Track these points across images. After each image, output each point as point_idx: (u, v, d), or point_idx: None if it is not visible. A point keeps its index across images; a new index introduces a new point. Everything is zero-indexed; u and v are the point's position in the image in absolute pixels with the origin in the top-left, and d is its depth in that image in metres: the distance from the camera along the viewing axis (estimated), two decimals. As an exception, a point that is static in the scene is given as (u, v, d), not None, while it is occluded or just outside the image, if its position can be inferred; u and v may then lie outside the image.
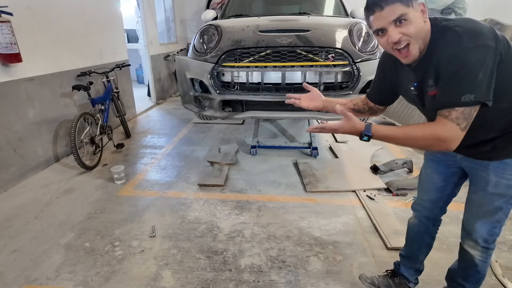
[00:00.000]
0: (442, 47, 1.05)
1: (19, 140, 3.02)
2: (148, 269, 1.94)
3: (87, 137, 3.29)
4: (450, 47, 1.03)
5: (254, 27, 2.91)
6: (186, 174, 3.21)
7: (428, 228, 1.60)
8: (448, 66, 1.03)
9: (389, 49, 1.14)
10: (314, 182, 2.96)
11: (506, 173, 1.21)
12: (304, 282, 1.83)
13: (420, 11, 1.06)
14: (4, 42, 2.67)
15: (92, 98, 3.46)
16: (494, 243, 1.36)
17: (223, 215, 2.49)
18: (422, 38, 1.08)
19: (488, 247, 1.35)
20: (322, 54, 2.77)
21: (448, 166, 1.41)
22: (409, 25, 1.05)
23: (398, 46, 1.09)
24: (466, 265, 1.44)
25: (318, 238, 2.21)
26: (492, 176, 1.22)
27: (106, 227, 2.35)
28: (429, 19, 1.10)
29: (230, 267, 1.95)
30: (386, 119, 4.71)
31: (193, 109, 3.15)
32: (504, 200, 1.25)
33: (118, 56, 4.78)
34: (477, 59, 0.98)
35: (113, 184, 3.01)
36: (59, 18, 3.49)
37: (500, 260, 1.98)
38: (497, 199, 1.25)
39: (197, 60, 2.94)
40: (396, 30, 1.06)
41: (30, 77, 3.11)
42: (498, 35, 1.00)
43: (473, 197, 1.33)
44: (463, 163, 1.34)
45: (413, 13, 1.04)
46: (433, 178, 1.48)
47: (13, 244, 2.17)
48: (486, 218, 1.30)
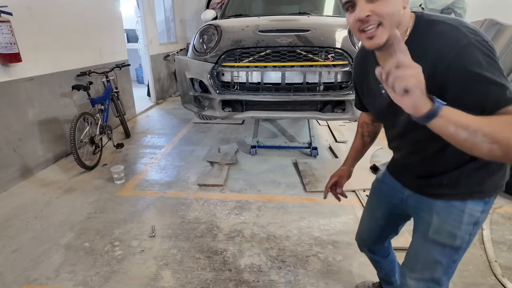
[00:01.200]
0: (437, 40, 0.85)
1: (19, 140, 3.02)
2: (148, 269, 1.94)
3: (86, 137, 3.29)
4: (451, 39, 0.82)
5: (254, 27, 2.91)
6: (186, 174, 3.22)
7: (378, 259, 1.49)
8: (462, 61, 0.80)
9: (355, 31, 0.91)
10: (314, 182, 2.96)
11: (450, 218, 0.99)
12: (304, 282, 1.83)
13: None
14: (4, 42, 2.66)
15: (91, 98, 3.46)
16: None
17: (223, 215, 2.49)
18: (397, 23, 0.86)
19: None
20: (322, 54, 2.77)
21: (393, 205, 1.24)
22: (383, 3, 0.83)
23: (365, 27, 0.86)
24: None
25: (318, 238, 2.21)
26: (435, 219, 1.01)
27: (105, 227, 2.35)
28: (414, 12, 0.92)
29: (230, 267, 1.95)
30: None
31: (193, 109, 3.15)
32: (444, 253, 1.01)
33: (118, 56, 4.78)
34: (487, 48, 0.82)
35: (112, 184, 3.01)
36: (59, 18, 3.49)
37: (500, 260, 1.98)
38: (437, 249, 1.02)
39: (197, 60, 2.94)
40: (367, 6, 0.84)
41: (30, 77, 3.10)
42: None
43: (412, 245, 1.11)
44: (408, 202, 1.14)
45: None
46: (375, 214, 1.35)
47: (13, 244, 2.17)
48: (421, 274, 1.06)
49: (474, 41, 0.80)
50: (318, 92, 2.82)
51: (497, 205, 2.60)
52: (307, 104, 3.00)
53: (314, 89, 2.83)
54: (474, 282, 1.82)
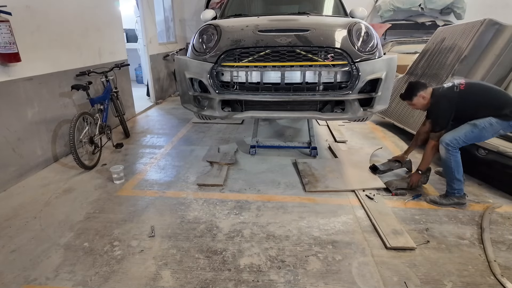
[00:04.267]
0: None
1: (18, 140, 3.02)
2: (147, 269, 1.94)
3: (86, 137, 3.29)
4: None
5: (253, 26, 2.90)
6: (185, 174, 3.21)
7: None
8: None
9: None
10: (313, 182, 2.96)
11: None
12: (304, 282, 1.83)
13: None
14: (3, 42, 2.66)
15: (91, 98, 3.46)
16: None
17: (223, 215, 2.49)
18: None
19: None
20: (321, 54, 2.76)
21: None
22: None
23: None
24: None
25: (317, 238, 2.21)
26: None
27: (105, 227, 2.34)
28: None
29: (230, 266, 1.95)
30: (386, 119, 4.72)
31: (193, 109, 3.15)
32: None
33: (117, 55, 4.78)
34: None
35: (112, 184, 3.00)
36: (58, 18, 3.48)
37: (499, 260, 1.99)
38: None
39: (196, 59, 2.93)
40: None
41: (29, 76, 3.10)
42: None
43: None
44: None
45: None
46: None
47: (12, 244, 2.17)
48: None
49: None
50: (317, 92, 2.82)
51: (496, 205, 2.60)
52: (306, 104, 3.00)
53: (314, 89, 2.83)
54: (473, 282, 1.82)
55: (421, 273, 1.89)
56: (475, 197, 2.75)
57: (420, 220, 2.41)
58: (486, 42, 3.67)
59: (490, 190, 2.85)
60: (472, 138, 2.50)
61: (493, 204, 2.62)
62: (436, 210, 2.55)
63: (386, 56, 2.89)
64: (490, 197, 2.75)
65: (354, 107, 2.85)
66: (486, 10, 7.18)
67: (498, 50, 3.63)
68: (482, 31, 3.69)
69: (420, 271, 1.90)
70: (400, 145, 4.00)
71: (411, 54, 5.65)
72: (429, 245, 2.14)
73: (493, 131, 2.47)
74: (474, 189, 2.88)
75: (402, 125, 4.29)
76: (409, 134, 4.07)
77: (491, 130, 2.46)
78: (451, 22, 7.28)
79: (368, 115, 2.95)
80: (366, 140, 4.20)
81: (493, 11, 7.24)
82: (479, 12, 6.83)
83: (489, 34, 3.67)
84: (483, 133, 2.47)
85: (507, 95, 2.52)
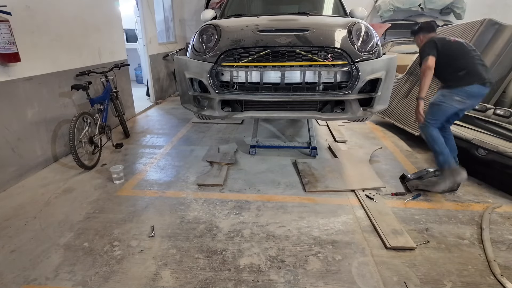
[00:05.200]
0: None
1: (18, 140, 3.02)
2: (147, 269, 1.94)
3: (86, 137, 3.29)
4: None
5: (253, 26, 2.90)
6: (185, 174, 3.21)
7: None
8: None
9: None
10: (313, 182, 2.96)
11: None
12: (303, 282, 1.83)
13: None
14: (3, 42, 2.66)
15: (91, 98, 3.46)
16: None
17: (222, 215, 2.49)
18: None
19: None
20: (321, 54, 2.76)
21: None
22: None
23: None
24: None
25: (317, 238, 2.21)
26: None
27: (105, 227, 2.34)
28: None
29: (229, 266, 1.95)
30: (386, 119, 4.72)
31: (192, 109, 3.14)
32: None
33: (117, 55, 4.77)
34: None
35: (112, 184, 3.00)
36: (58, 18, 3.48)
37: (499, 260, 1.99)
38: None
39: (196, 59, 2.93)
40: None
41: (29, 76, 3.10)
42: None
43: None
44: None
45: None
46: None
47: (12, 244, 2.17)
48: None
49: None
50: (317, 92, 2.82)
51: (496, 205, 2.61)
52: (306, 104, 3.00)
53: (314, 89, 2.82)
54: (473, 282, 1.82)
55: (421, 273, 1.89)
56: (474, 197, 2.75)
57: (420, 220, 2.42)
58: (486, 42, 3.67)
59: (490, 190, 2.85)
60: (436, 113, 2.72)
61: (493, 204, 2.62)
62: (435, 210, 2.55)
63: (386, 56, 2.89)
64: (490, 197, 2.75)
65: (354, 107, 2.85)
66: (486, 10, 7.19)
67: (498, 50, 3.63)
68: (482, 31, 3.69)
69: (420, 271, 1.90)
70: (400, 145, 4.00)
71: (411, 54, 5.65)
72: (429, 245, 2.14)
73: (451, 100, 2.65)
74: (474, 189, 2.88)
75: (402, 125, 4.29)
76: (409, 134, 4.07)
77: (449, 100, 2.65)
78: (451, 22, 7.27)
79: (368, 115, 2.95)
80: (366, 140, 4.20)
81: (493, 11, 7.24)
82: (479, 12, 6.84)
83: (489, 34, 3.68)
84: (443, 106, 2.68)
85: (470, 65, 2.63)
